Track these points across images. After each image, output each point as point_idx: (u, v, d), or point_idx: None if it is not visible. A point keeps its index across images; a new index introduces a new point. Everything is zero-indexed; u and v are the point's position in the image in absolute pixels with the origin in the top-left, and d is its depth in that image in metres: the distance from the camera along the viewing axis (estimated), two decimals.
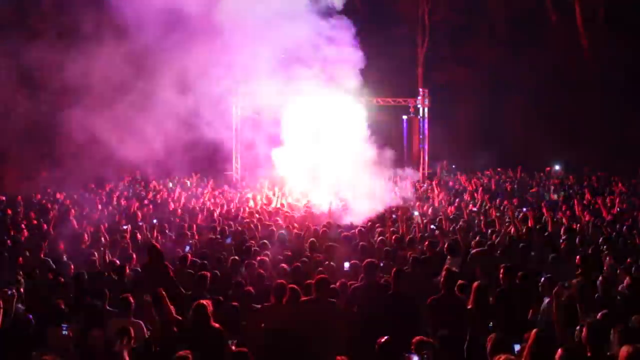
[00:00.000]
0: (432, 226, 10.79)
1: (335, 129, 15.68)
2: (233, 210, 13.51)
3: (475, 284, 5.83)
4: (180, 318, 5.51)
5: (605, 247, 8.52)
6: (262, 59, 15.89)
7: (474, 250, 8.35)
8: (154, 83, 17.67)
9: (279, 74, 15.23)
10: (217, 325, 5.30)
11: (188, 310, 5.44)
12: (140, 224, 11.28)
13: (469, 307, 5.74)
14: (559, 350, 3.89)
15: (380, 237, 9.34)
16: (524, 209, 12.59)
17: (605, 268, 7.28)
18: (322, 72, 14.80)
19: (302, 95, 15.84)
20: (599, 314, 5.02)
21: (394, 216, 11.73)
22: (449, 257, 8.08)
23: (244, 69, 15.95)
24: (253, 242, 9.19)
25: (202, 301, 5.40)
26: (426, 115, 21.16)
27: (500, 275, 6.46)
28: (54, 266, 7.99)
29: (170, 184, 18.61)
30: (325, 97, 15.86)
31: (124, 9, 14.19)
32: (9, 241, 9.00)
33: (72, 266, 7.80)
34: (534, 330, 4.30)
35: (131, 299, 5.86)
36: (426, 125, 21.28)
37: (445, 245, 8.28)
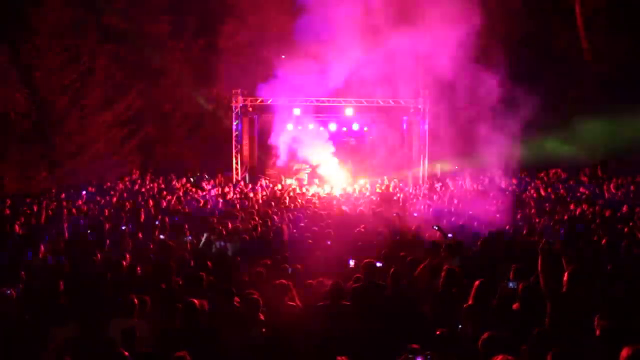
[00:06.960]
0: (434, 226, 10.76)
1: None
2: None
3: (477, 281, 5.80)
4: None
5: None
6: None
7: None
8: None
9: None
10: (206, 324, 5.28)
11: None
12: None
13: (468, 304, 5.72)
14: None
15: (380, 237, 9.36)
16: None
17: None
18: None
19: None
20: None
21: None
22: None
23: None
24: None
25: (191, 300, 5.35)
26: (427, 115, 21.08)
27: (511, 276, 6.42)
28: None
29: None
30: None
31: None
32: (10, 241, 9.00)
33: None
34: (535, 330, 4.29)
35: (135, 300, 5.82)
36: (426, 126, 21.20)
37: (445, 246, 8.27)
